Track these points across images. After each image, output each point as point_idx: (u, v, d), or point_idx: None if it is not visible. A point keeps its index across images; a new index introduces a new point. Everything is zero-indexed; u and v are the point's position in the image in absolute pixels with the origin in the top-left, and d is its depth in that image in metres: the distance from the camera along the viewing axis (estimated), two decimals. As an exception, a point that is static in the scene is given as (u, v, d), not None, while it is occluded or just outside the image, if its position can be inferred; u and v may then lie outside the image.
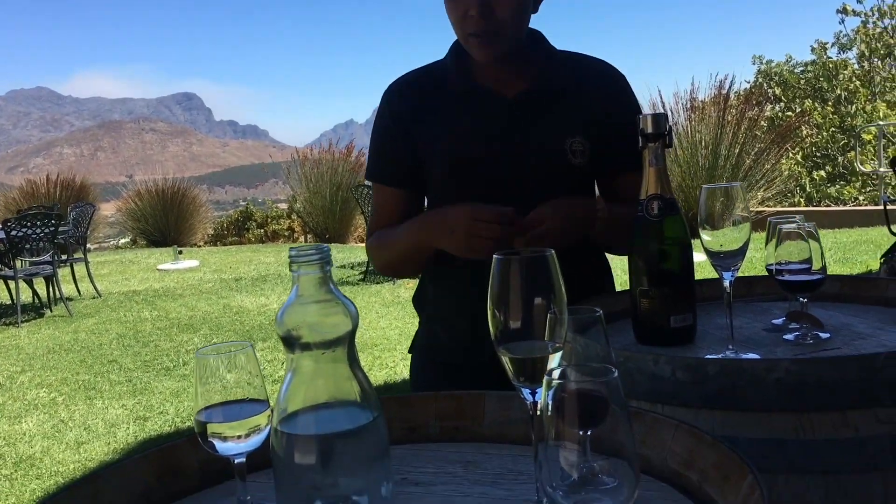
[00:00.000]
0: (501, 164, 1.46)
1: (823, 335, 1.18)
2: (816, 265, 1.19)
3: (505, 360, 0.73)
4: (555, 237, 1.30)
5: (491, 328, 0.74)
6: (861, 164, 10.73)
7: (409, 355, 1.75)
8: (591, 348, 0.81)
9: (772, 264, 1.23)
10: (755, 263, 5.41)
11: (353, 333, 0.69)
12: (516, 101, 1.48)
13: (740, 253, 1.15)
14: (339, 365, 0.69)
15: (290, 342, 0.68)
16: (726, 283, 1.16)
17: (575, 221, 1.37)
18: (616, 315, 1.40)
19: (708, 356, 1.14)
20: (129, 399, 4.73)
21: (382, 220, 1.59)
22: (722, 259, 1.15)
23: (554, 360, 0.71)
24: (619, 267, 1.48)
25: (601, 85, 1.53)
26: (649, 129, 1.23)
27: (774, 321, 1.30)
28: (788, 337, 1.20)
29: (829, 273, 1.22)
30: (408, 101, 1.54)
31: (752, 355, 1.12)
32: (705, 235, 1.17)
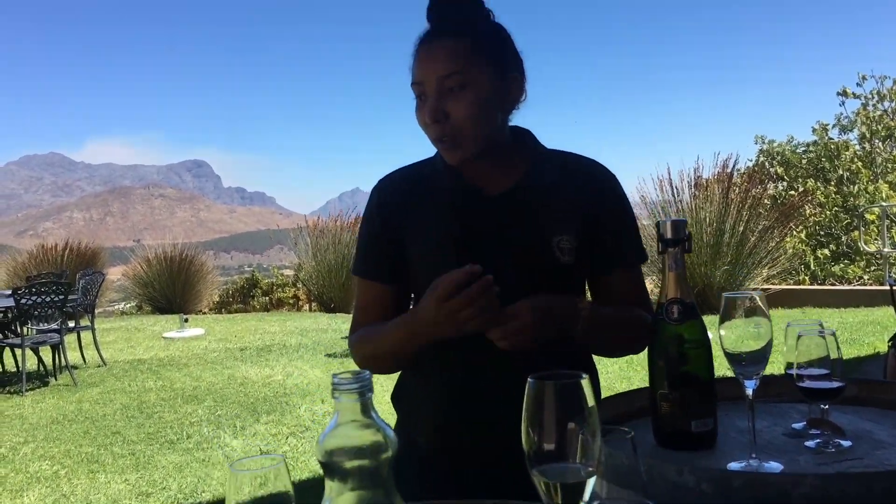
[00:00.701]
0: (486, 262, 1.39)
1: (845, 443, 1.18)
2: (837, 371, 1.21)
3: (538, 482, 0.74)
4: (530, 333, 1.31)
5: (525, 448, 0.76)
6: (865, 244, 10.79)
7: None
8: (616, 457, 0.82)
9: (791, 368, 1.25)
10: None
11: (391, 460, 0.71)
12: (501, 198, 1.49)
13: (762, 360, 1.17)
14: (376, 491, 0.70)
15: (330, 467, 0.69)
16: (749, 392, 1.17)
17: (553, 319, 1.36)
18: (634, 413, 1.41)
19: (731, 465, 1.14)
20: (131, 473, 4.67)
21: (367, 315, 1.56)
22: (744, 367, 1.17)
23: (589, 485, 0.72)
24: (616, 364, 1.50)
25: (589, 183, 1.53)
26: (668, 235, 1.26)
27: (794, 425, 1.31)
28: (810, 444, 1.20)
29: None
30: (395, 197, 1.55)
31: (774, 464, 1.13)
32: (726, 343, 1.18)
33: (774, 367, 1.34)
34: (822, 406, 1.22)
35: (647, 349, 1.31)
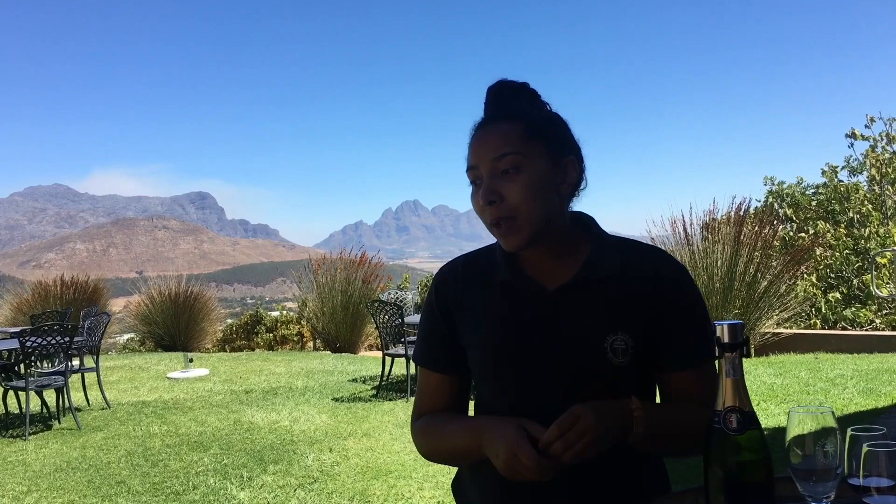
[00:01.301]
0: (539, 359, 1.42)
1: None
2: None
3: None
4: (592, 439, 1.28)
5: None
6: (877, 289, 10.70)
7: (426, 485, 1.80)
8: None
9: (856, 480, 1.18)
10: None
11: None
12: (556, 294, 1.45)
13: (833, 479, 1.10)
14: None
15: None
16: (818, 514, 1.11)
17: (606, 431, 1.31)
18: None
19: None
20: (136, 528, 4.57)
21: (427, 403, 1.59)
22: (812, 486, 1.10)
23: None
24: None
25: (652, 276, 1.46)
26: (726, 339, 1.19)
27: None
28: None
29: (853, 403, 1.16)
30: (453, 287, 1.55)
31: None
32: (794, 460, 1.12)
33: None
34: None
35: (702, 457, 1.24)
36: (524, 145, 1.40)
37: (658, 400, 1.55)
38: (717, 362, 1.21)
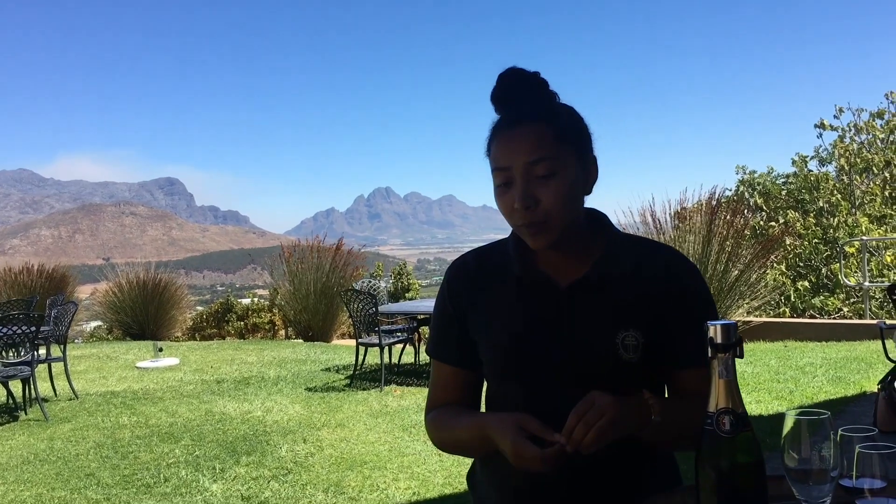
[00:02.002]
0: (551, 354, 1.45)
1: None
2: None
3: None
4: (605, 427, 1.29)
5: None
6: (845, 278, 10.86)
7: (401, 476, 1.83)
8: None
9: (848, 481, 1.17)
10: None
11: None
12: (569, 290, 1.47)
13: (829, 481, 1.09)
14: None
15: None
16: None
17: (624, 410, 1.33)
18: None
19: None
20: (106, 522, 4.49)
21: (441, 396, 1.61)
22: (808, 490, 1.09)
23: None
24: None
25: (664, 274, 1.48)
26: (719, 340, 1.17)
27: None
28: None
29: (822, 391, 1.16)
30: (466, 283, 1.57)
31: None
32: (790, 463, 1.11)
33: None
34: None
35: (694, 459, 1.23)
36: (558, 150, 1.41)
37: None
38: (710, 363, 1.19)
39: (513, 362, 1.48)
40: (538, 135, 1.41)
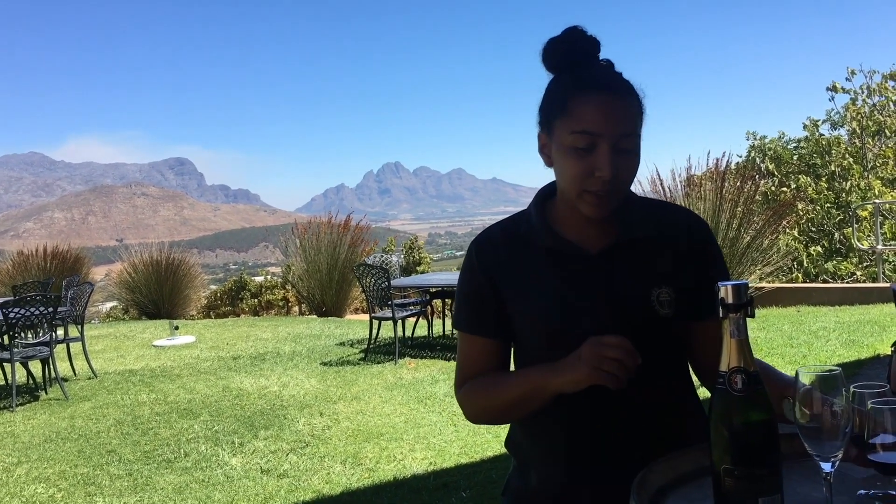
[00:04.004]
0: (590, 320, 1.48)
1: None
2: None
3: None
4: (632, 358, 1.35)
5: None
6: (858, 242, 10.79)
7: (417, 446, 1.81)
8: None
9: (858, 437, 1.18)
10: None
11: None
12: (600, 255, 1.52)
13: (841, 437, 1.10)
14: None
15: None
16: (826, 473, 1.11)
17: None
18: (687, 477, 1.35)
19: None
20: (130, 496, 4.58)
21: (472, 369, 1.60)
22: (820, 446, 1.10)
23: None
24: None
25: (684, 232, 1.57)
26: (730, 300, 1.18)
27: (861, 492, 1.25)
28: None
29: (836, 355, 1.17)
30: (494, 256, 1.58)
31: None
32: (801, 419, 1.12)
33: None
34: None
35: (707, 419, 1.24)
36: (639, 127, 1.48)
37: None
38: (722, 323, 1.20)
39: (557, 330, 1.50)
40: (630, 109, 1.46)
